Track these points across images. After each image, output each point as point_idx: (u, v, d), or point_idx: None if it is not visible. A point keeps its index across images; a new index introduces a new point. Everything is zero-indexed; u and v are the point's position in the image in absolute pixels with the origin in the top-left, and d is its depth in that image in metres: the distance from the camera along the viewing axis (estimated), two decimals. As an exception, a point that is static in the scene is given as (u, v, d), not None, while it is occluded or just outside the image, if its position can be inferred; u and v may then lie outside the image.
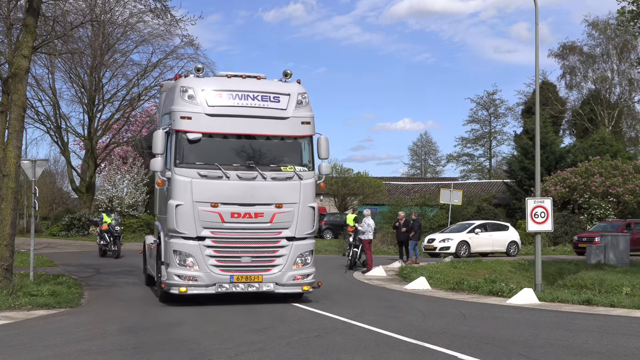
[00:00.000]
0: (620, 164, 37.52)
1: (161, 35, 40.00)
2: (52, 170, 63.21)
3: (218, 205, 13.02)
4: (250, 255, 13.30)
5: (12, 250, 14.74)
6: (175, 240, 13.09)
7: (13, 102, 14.82)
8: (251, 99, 13.44)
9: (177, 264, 13.01)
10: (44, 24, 17.37)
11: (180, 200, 12.93)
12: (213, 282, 13.06)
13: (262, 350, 8.79)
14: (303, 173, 13.60)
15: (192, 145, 13.10)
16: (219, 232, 13.11)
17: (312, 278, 13.86)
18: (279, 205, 13.32)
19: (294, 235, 13.52)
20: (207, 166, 13.09)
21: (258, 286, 13.25)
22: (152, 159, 13.24)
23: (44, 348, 9.12)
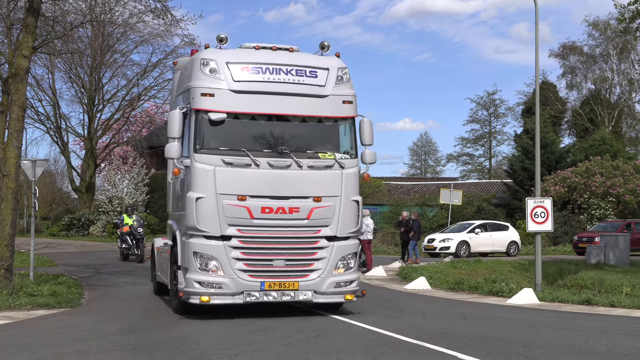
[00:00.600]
0: (621, 164, 37.54)
1: (161, 35, 40.01)
2: (52, 170, 63.27)
3: (246, 199, 11.16)
4: (284, 258, 11.41)
5: (12, 250, 14.74)
6: (196, 240, 11.27)
7: (13, 102, 14.82)
8: (284, 73, 11.62)
9: (198, 268, 11.17)
10: (44, 24, 17.37)
11: (202, 192, 11.09)
12: (240, 290, 11.20)
13: (262, 350, 8.79)
14: (345, 161, 11.75)
15: (215, 127, 11.28)
16: (247, 230, 11.25)
17: (355, 285, 11.91)
18: (317, 198, 11.48)
19: (335, 235, 11.65)
20: (233, 152, 11.27)
21: (293, 295, 11.36)
22: (167, 145, 11.38)
23: (44, 348, 9.12)
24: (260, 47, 12.04)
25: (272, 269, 11.40)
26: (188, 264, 11.33)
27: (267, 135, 11.65)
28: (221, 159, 11.16)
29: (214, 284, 11.16)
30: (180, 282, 11.57)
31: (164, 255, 13.78)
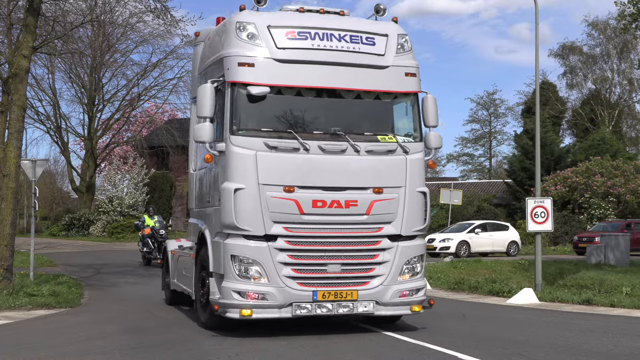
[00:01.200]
0: (622, 164, 37.56)
1: (161, 35, 40.09)
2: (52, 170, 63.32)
3: (294, 190, 9.38)
4: (341, 261, 9.60)
5: (12, 250, 14.74)
6: (234, 240, 9.40)
7: (13, 102, 14.83)
8: (336, 39, 9.82)
9: (237, 275, 9.31)
10: (44, 24, 17.38)
11: (241, 182, 9.29)
12: (288, 302, 9.32)
13: (263, 351, 8.79)
14: (409, 145, 10.00)
15: (256, 104, 9.51)
16: (296, 228, 9.44)
17: (423, 294, 10.16)
18: (378, 189, 9.70)
19: (400, 233, 9.84)
20: (278, 134, 9.49)
21: (352, 306, 9.54)
22: (197, 126, 9.65)
23: (44, 348, 9.12)
24: (305, 10, 10.25)
25: (326, 276, 9.55)
26: (224, 270, 9.43)
27: (317, 114, 9.90)
28: (263, 142, 9.37)
29: (257, 294, 9.28)
30: (213, 291, 9.73)
31: (182, 260, 12.26)
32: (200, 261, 10.65)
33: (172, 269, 13.21)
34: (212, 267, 9.85)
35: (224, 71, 9.71)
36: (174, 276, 12.94)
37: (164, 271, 14.04)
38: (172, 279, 13.14)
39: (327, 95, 9.85)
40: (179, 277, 12.52)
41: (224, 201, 9.43)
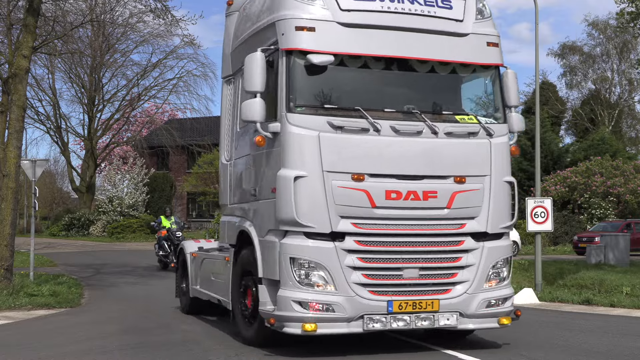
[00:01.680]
0: (622, 164, 37.58)
1: (161, 35, 40.14)
2: (52, 170, 63.35)
3: (364, 179, 7.94)
4: (419, 265, 8.16)
5: (12, 250, 14.75)
6: (293, 240, 7.90)
7: (13, 102, 14.84)
8: (409, 1, 8.42)
9: (297, 281, 7.84)
10: (44, 24, 17.39)
11: (301, 168, 7.84)
12: (359, 314, 7.87)
13: (263, 351, 8.78)
14: (493, 126, 8.56)
15: (317, 76, 8.11)
16: (366, 225, 7.98)
17: (511, 304, 8.71)
18: (460, 178, 8.28)
19: (485, 231, 8.41)
20: (343, 112, 8.07)
21: (433, 318, 8.11)
22: (245, 103, 8.17)
23: (44, 348, 9.12)
24: None
25: (402, 282, 8.13)
26: (281, 276, 7.93)
27: (387, 88, 8.59)
28: (327, 122, 7.94)
29: (322, 305, 7.81)
30: (264, 301, 8.25)
31: (209, 264, 11.01)
32: (241, 265, 9.11)
33: (192, 274, 11.80)
34: (262, 272, 8.26)
35: (276, 37, 8.20)
36: (195, 282, 11.60)
37: (179, 276, 12.67)
38: (192, 285, 11.71)
39: (397, 67, 8.39)
40: (203, 282, 11.21)
41: (280, 192, 7.88)
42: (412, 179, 8.15)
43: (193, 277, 11.78)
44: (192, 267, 11.86)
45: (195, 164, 41.72)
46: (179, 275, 12.75)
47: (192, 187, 40.76)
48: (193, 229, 46.82)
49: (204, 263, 11.28)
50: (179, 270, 12.86)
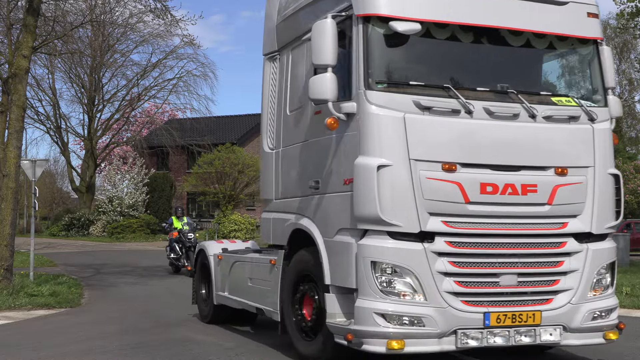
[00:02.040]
0: (621, 164, 37.63)
1: (161, 35, 40.18)
2: (52, 170, 63.43)
3: (456, 169, 6.80)
4: (517, 271, 6.99)
5: (12, 250, 14.75)
6: (375, 240, 6.69)
7: (13, 102, 14.84)
8: None
9: (379, 289, 6.62)
10: (44, 24, 17.40)
11: (385, 156, 6.66)
12: (452, 328, 6.67)
13: (263, 351, 8.78)
14: (596, 110, 7.42)
15: (401, 48, 7.00)
16: (459, 223, 6.82)
17: (616, 316, 7.58)
18: (561, 170, 7.16)
19: (590, 231, 7.26)
20: (430, 90, 6.92)
21: (535, 333, 6.98)
22: (314, 78, 6.95)
23: (44, 348, 9.11)
24: None
25: (500, 291, 6.94)
26: (359, 283, 6.70)
27: (478, 64, 7.42)
28: (413, 101, 6.78)
29: (409, 318, 6.60)
30: (332, 312, 7.03)
31: (241, 267, 9.85)
32: (296, 269, 7.89)
33: (216, 279, 10.59)
34: (330, 279, 7.07)
35: (347, 2, 7.07)
36: (222, 287, 10.43)
37: (198, 281, 11.54)
38: (216, 291, 10.54)
39: (488, 39, 7.23)
40: (233, 288, 10.07)
41: (360, 184, 6.69)
42: (509, 170, 6.99)
43: (218, 283, 10.54)
44: (216, 271, 10.62)
45: (195, 164, 41.72)
46: (197, 280, 11.56)
47: (192, 187, 40.75)
48: (193, 229, 46.80)
49: (235, 267, 10.06)
50: (196, 275, 11.64)
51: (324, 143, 7.39)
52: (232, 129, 48.97)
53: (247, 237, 34.84)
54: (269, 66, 9.10)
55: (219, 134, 46.84)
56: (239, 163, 38.44)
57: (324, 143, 7.37)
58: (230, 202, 38.87)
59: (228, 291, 10.26)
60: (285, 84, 8.51)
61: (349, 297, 6.93)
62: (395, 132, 6.72)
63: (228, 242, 11.41)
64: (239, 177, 38.86)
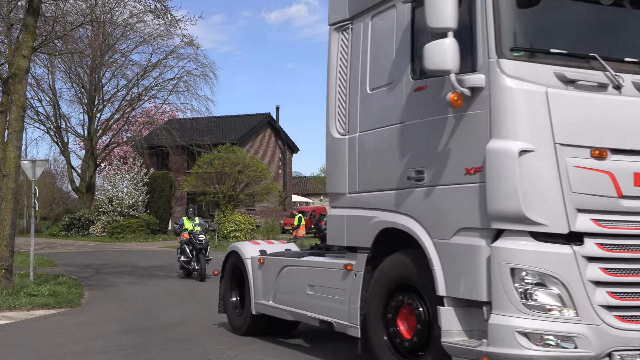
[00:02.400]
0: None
1: (161, 35, 40.16)
2: (52, 170, 63.42)
3: (607, 155, 5.67)
4: None
5: (12, 250, 14.74)
6: (513, 243, 5.56)
7: (13, 102, 14.83)
8: None
9: (521, 302, 5.48)
10: (44, 24, 17.40)
11: (526, 139, 5.55)
12: (606, 350, 5.48)
13: (263, 350, 8.78)
14: None
15: (535, 10, 5.89)
16: (612, 221, 5.67)
17: None
18: None
19: None
20: (572, 61, 5.79)
21: None
22: (430, 45, 5.74)
23: (44, 348, 9.12)
24: None
25: None
26: (494, 295, 5.56)
27: (621, 30, 6.22)
28: (555, 73, 5.66)
29: (558, 339, 5.43)
30: (449, 330, 5.86)
31: (297, 273, 8.50)
32: (390, 277, 6.65)
33: (256, 285, 9.32)
34: (445, 289, 5.91)
35: None
36: (266, 295, 9.11)
37: (227, 287, 10.27)
38: (256, 299, 9.32)
39: (630, 1, 6.12)
40: (284, 297, 8.72)
41: (494, 173, 5.58)
42: None
43: (259, 290, 9.28)
44: (256, 277, 9.35)
45: (195, 164, 41.72)
46: (227, 286, 10.29)
47: (192, 187, 40.73)
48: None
49: (286, 272, 8.69)
50: (224, 280, 10.34)
51: (432, 125, 6.12)
52: (232, 129, 48.97)
53: (247, 237, 34.87)
54: (337, 38, 7.76)
55: (219, 134, 46.84)
56: (239, 163, 38.44)
57: (433, 125, 6.10)
58: (230, 202, 38.86)
59: (274, 300, 8.90)
60: (363, 57, 7.24)
61: (471, 312, 5.77)
62: (537, 111, 5.56)
63: (264, 242, 10.11)
64: (239, 177, 38.85)
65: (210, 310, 12.69)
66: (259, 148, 48.75)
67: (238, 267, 9.93)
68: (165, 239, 38.93)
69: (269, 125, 51.14)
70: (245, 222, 36.27)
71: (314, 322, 7.96)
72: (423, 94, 6.25)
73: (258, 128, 49.75)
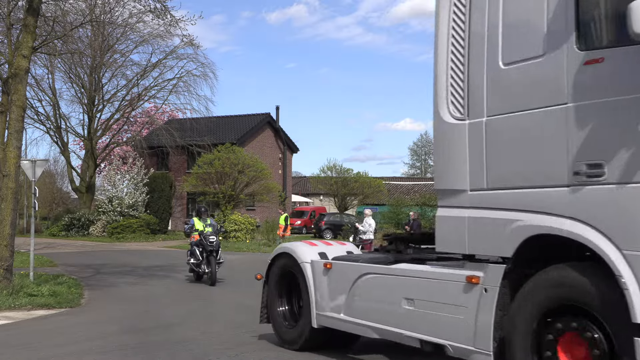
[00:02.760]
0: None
1: (161, 36, 40.15)
2: (52, 170, 63.40)
3: None
4: None
5: (12, 251, 14.74)
6: None
7: (13, 102, 14.83)
8: None
9: None
10: (44, 24, 17.39)
11: None
12: None
13: (263, 351, 8.78)
14: None
15: None
16: None
17: None
18: None
19: None
20: None
21: None
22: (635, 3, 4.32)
23: (44, 348, 9.12)
24: None
25: None
26: None
27: None
28: None
29: None
30: None
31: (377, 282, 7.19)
32: (546, 296, 5.25)
33: (319, 294, 8.04)
34: None
35: None
36: (334, 306, 7.82)
37: (274, 294, 9.01)
38: (319, 311, 8.02)
39: None
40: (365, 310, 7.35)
41: None
42: None
43: (324, 299, 7.97)
44: (321, 284, 8.04)
45: (195, 164, 41.72)
46: (273, 293, 9.02)
47: (192, 187, 40.73)
48: (193, 229, 46.75)
49: (368, 280, 7.30)
50: (269, 285, 9.10)
51: (616, 107, 4.83)
52: (232, 129, 48.96)
53: (247, 237, 34.88)
54: (447, 2, 6.51)
55: (219, 134, 46.84)
56: (239, 163, 38.43)
57: (617, 107, 4.81)
58: (230, 202, 38.85)
59: (348, 312, 7.59)
60: (491, 24, 5.91)
61: None
62: None
63: (322, 243, 8.80)
64: (239, 177, 38.85)
65: (210, 310, 12.71)
66: (259, 148, 48.75)
67: (289, 272, 8.66)
68: (165, 239, 38.93)
69: (268, 125, 51.14)
70: (245, 222, 36.28)
71: (412, 343, 6.66)
72: (598, 68, 4.92)
73: (258, 128, 49.76)
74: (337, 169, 50.61)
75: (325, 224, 41.64)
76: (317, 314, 8.05)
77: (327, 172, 50.17)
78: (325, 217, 42.47)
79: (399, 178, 75.56)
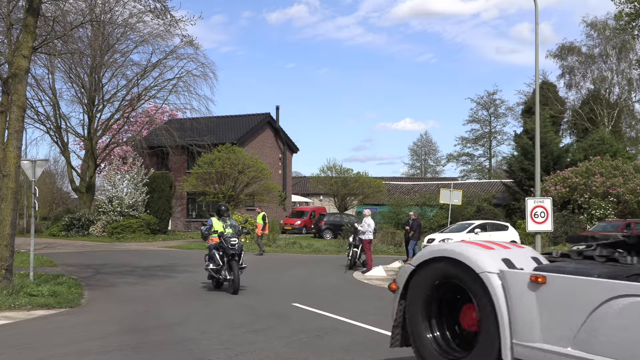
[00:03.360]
0: (621, 164, 37.65)
1: (161, 35, 40.13)
2: (52, 170, 63.37)
3: None
4: None
5: (12, 251, 14.74)
6: None
7: (13, 102, 14.83)
8: None
9: None
10: (44, 24, 17.38)
11: None
12: None
13: (262, 351, 8.79)
14: None
15: None
16: None
17: None
18: None
19: None
20: None
21: None
22: None
23: (44, 348, 9.12)
24: None
25: None
26: None
27: None
28: None
29: None
30: None
31: None
32: None
33: (521, 318, 5.95)
34: None
35: None
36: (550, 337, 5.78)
37: (419, 313, 6.91)
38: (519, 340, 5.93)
39: None
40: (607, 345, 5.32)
41: None
42: None
43: (532, 325, 5.89)
44: (523, 305, 5.95)
45: (195, 164, 41.71)
46: (417, 312, 6.91)
47: (192, 187, 40.73)
48: (192, 229, 46.79)
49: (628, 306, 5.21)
50: (410, 300, 6.97)
51: None
52: (232, 129, 48.96)
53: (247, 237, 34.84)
54: None
55: (219, 134, 46.82)
56: (239, 163, 38.43)
57: None
58: (230, 202, 38.85)
59: (584, 348, 5.50)
60: None
61: None
62: None
63: (498, 246, 6.62)
64: (239, 177, 38.84)
65: (210, 310, 12.70)
66: (259, 148, 48.74)
67: (454, 283, 6.60)
68: (165, 239, 38.91)
69: (268, 125, 51.13)
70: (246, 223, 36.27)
71: None
72: None
73: (258, 128, 49.74)
74: (337, 169, 50.60)
75: (325, 224, 41.65)
76: (515, 344, 5.98)
77: (327, 172, 50.16)
78: (325, 217, 42.48)
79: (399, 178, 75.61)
